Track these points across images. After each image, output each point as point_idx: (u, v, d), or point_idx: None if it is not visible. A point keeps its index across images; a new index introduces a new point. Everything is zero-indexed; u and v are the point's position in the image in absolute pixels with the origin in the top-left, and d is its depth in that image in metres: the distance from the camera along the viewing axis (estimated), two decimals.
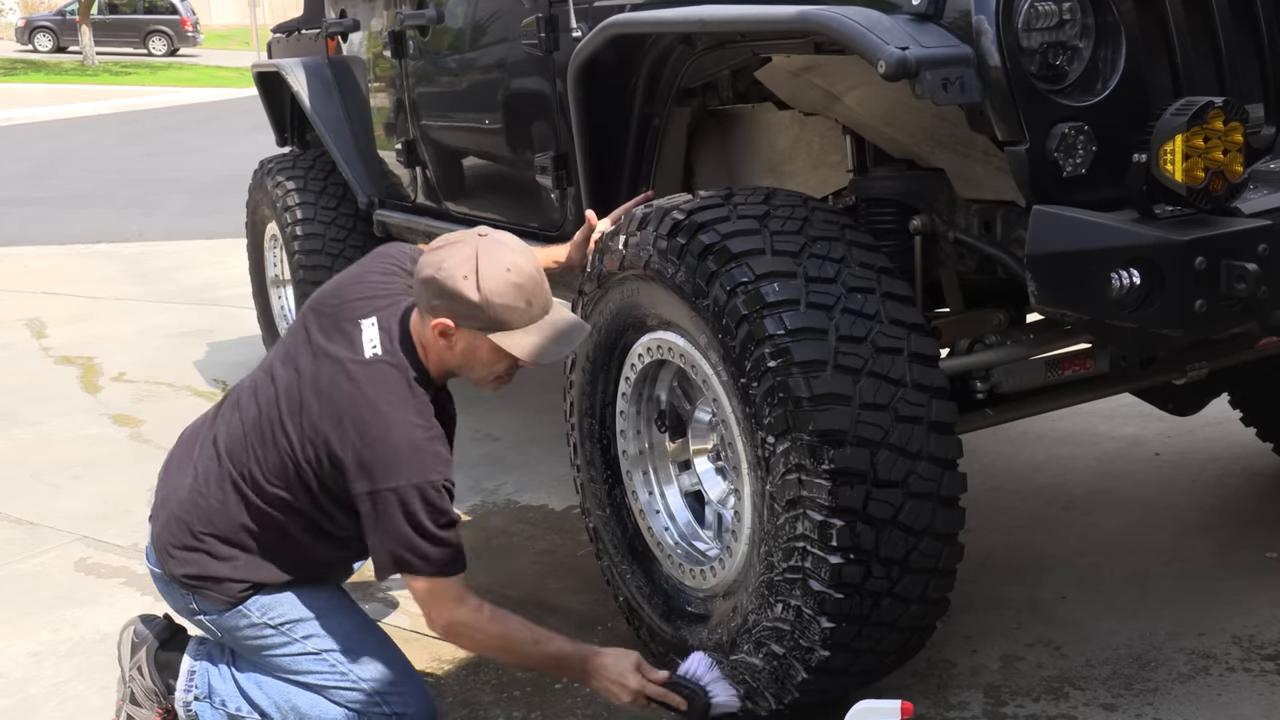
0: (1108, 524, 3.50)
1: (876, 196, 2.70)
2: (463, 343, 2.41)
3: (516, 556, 3.55)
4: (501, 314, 2.36)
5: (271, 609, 2.55)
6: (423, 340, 2.46)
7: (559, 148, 3.43)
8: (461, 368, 2.48)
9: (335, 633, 2.55)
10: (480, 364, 2.45)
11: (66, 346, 6.41)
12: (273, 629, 2.55)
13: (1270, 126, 2.40)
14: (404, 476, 2.34)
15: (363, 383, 2.39)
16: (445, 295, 2.36)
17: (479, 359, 2.44)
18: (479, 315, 2.36)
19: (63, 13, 34.33)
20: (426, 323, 2.42)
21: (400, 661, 2.58)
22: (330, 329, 2.49)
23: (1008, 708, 2.63)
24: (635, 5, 2.90)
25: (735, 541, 2.54)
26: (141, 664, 2.66)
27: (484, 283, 2.35)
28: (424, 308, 2.42)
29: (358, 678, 2.51)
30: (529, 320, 2.40)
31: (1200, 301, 2.03)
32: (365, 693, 2.50)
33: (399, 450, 2.35)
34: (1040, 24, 2.16)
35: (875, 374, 2.28)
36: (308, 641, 2.54)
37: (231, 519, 2.50)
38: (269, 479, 2.47)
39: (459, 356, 2.45)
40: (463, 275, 2.35)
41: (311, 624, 2.55)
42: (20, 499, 4.26)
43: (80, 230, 10.15)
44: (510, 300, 2.36)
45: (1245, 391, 3.63)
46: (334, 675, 2.52)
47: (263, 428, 2.47)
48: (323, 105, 4.86)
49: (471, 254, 2.37)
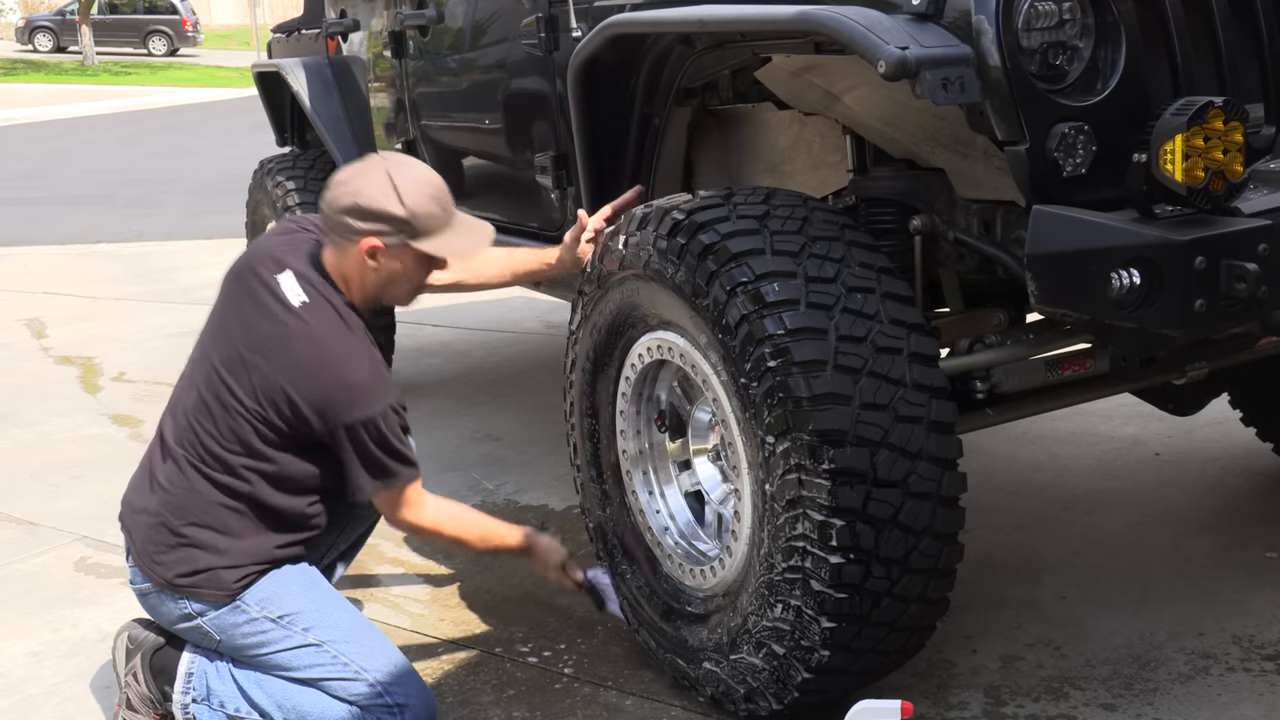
0: (1108, 524, 3.50)
1: (876, 196, 2.70)
2: (388, 259, 2.55)
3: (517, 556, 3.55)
4: (425, 223, 2.54)
5: (270, 602, 2.56)
6: (343, 272, 2.59)
7: (559, 148, 3.43)
8: (385, 286, 2.60)
9: (335, 624, 2.57)
10: (403, 278, 2.60)
11: (66, 346, 6.41)
12: (272, 622, 2.55)
13: (1270, 126, 2.40)
14: (367, 407, 2.49)
15: (302, 329, 2.52)
16: (371, 217, 2.51)
17: (404, 273, 2.59)
18: (407, 228, 2.52)
19: (63, 13, 34.34)
20: (348, 252, 2.55)
21: (398, 655, 2.60)
22: (250, 293, 2.59)
23: (1008, 708, 2.63)
24: (635, 5, 2.90)
25: (735, 541, 2.54)
26: (136, 670, 2.65)
27: (406, 199, 2.51)
28: (347, 237, 2.54)
29: (360, 668, 2.52)
30: (445, 225, 2.58)
31: (1200, 301, 2.03)
32: (368, 683, 2.51)
33: (356, 385, 2.50)
34: (1040, 24, 2.16)
35: (875, 374, 2.28)
36: (308, 633, 2.55)
37: (203, 501, 2.55)
38: (227, 448, 2.53)
39: (383, 276, 2.58)
40: (384, 195, 2.51)
41: (311, 615, 2.56)
42: (20, 499, 4.26)
43: (80, 230, 10.16)
44: (431, 209, 2.55)
45: (1245, 391, 3.63)
46: (336, 666, 2.52)
47: (208, 404, 2.55)
48: (323, 105, 4.86)
49: (384, 176, 2.53)
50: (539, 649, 3.01)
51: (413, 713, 2.51)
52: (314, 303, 2.54)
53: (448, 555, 3.58)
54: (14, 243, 9.76)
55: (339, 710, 2.51)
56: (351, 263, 2.56)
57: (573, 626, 3.11)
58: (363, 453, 2.51)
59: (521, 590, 3.33)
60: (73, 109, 22.11)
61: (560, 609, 3.21)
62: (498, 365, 5.68)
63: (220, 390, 2.54)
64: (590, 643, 3.02)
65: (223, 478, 2.55)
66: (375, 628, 2.67)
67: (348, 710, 2.51)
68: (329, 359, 2.50)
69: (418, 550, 3.63)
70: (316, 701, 2.53)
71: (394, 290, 2.62)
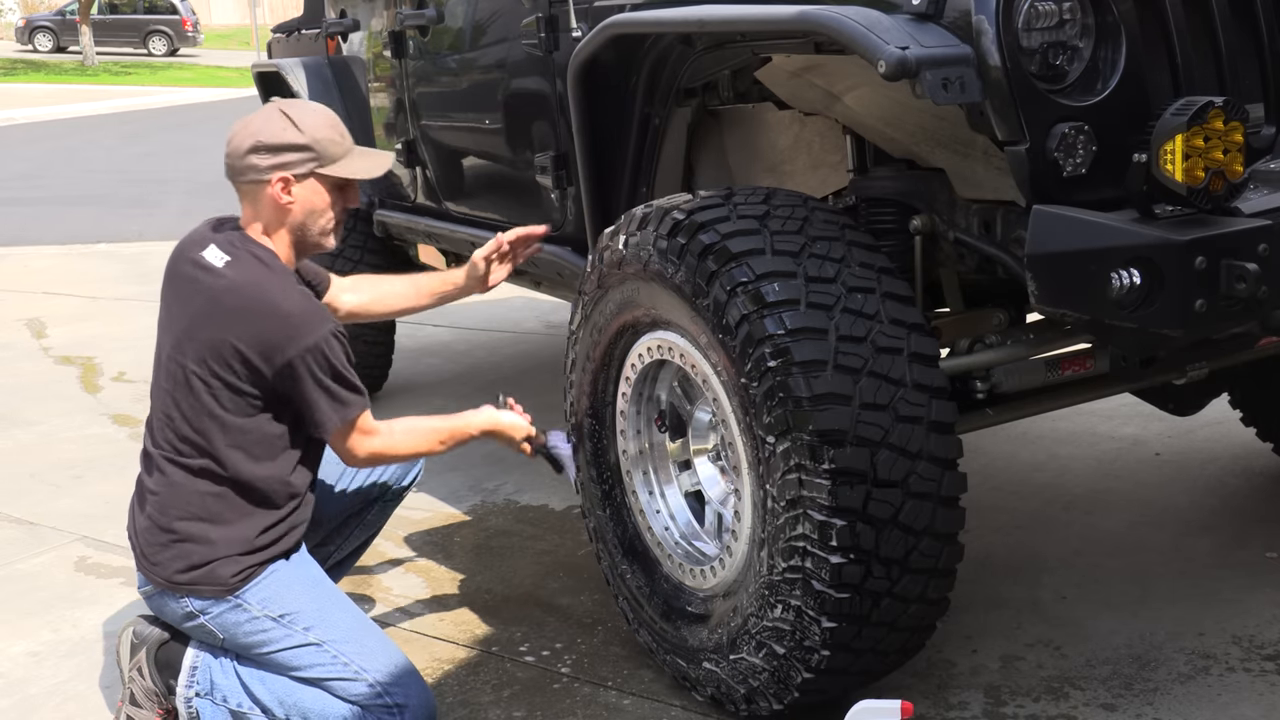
0: (1108, 524, 3.50)
1: (876, 196, 2.70)
2: (301, 191, 2.60)
3: (516, 556, 3.55)
4: (327, 147, 2.60)
5: (271, 601, 2.56)
6: (262, 222, 2.64)
7: (559, 148, 3.43)
8: (305, 223, 2.63)
9: (336, 624, 2.57)
10: (320, 210, 2.64)
11: (66, 346, 6.41)
12: (273, 621, 2.56)
13: (1270, 126, 2.40)
14: (307, 335, 2.51)
15: (228, 283, 2.56)
16: (275, 150, 2.57)
17: (319, 204, 2.63)
18: (310, 153, 2.58)
19: (63, 13, 34.34)
20: (261, 198, 2.60)
21: (399, 655, 2.60)
22: (182, 276, 2.66)
23: (1008, 708, 2.64)
24: (635, 5, 2.90)
25: (735, 541, 2.54)
26: (141, 664, 2.66)
27: (305, 127, 2.59)
28: (256, 180, 2.59)
29: (360, 668, 2.52)
30: (347, 151, 2.65)
31: (1200, 301, 2.03)
32: (367, 684, 2.51)
33: (289, 314, 2.53)
34: (1040, 24, 2.16)
35: (875, 374, 2.28)
36: (309, 633, 2.55)
37: (185, 492, 2.57)
38: (197, 428, 2.56)
39: (301, 210, 2.61)
40: (283, 128, 2.58)
41: (312, 615, 2.57)
42: (20, 499, 4.26)
43: (80, 230, 10.16)
44: (330, 135, 2.62)
45: (1245, 391, 3.63)
46: (336, 666, 2.53)
47: (173, 395, 2.59)
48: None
49: (278, 112, 2.62)
50: (539, 649, 3.01)
51: (412, 713, 2.52)
52: (236, 258, 2.58)
53: (448, 555, 3.59)
54: (14, 243, 9.76)
55: (339, 708, 2.52)
56: (267, 206, 2.61)
57: (573, 626, 3.11)
58: (316, 384, 2.53)
59: (521, 590, 3.33)
60: (73, 109, 22.10)
61: (560, 609, 3.21)
62: (498, 365, 5.68)
63: (178, 375, 2.57)
64: (590, 643, 3.02)
65: (198, 462, 2.57)
66: (376, 627, 2.67)
67: (348, 709, 2.52)
68: (258, 298, 2.53)
69: (418, 550, 3.63)
70: (317, 699, 2.53)
71: (314, 226, 2.64)
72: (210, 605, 2.57)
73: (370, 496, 3.08)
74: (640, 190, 3.21)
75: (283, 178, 2.58)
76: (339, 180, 2.63)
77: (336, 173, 2.62)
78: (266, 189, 2.59)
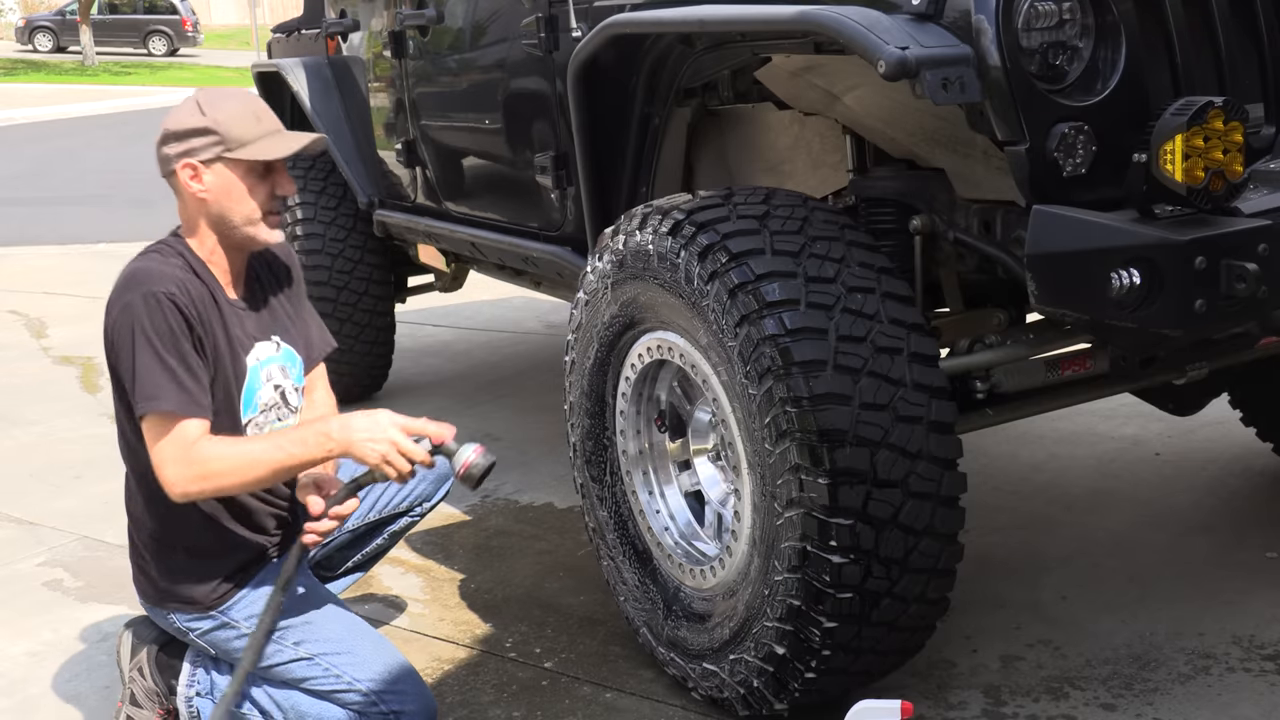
0: (1108, 524, 3.50)
1: (876, 196, 2.70)
2: (211, 179, 2.47)
3: (516, 556, 3.55)
4: (234, 129, 2.46)
5: (257, 619, 2.53)
6: (186, 218, 2.54)
7: (559, 148, 3.43)
8: (223, 213, 2.49)
9: (325, 636, 2.54)
10: (236, 198, 2.49)
11: (66, 346, 6.41)
12: None
13: (1270, 126, 2.40)
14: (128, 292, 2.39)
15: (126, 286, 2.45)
16: (180, 136, 2.48)
17: (233, 191, 2.48)
18: (212, 135, 2.46)
19: (63, 13, 34.32)
20: (180, 191, 2.51)
21: (395, 659, 2.56)
22: None
23: (1008, 708, 2.63)
24: (635, 5, 2.90)
25: (735, 541, 2.54)
26: (142, 665, 2.65)
27: (209, 110, 2.47)
28: (170, 170, 2.50)
29: (353, 679, 2.50)
30: (264, 133, 2.49)
31: (1200, 301, 2.03)
32: (360, 694, 2.49)
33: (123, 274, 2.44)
34: (1040, 24, 2.16)
35: (875, 374, 2.28)
36: (299, 647, 2.52)
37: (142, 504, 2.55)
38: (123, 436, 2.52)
39: (217, 200, 2.48)
40: (189, 114, 2.48)
41: (302, 629, 2.54)
42: (20, 499, 4.26)
43: (80, 230, 10.15)
44: (236, 114, 2.47)
45: (1245, 391, 3.63)
46: (329, 679, 2.50)
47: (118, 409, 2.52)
48: (323, 105, 4.86)
49: (192, 100, 2.52)
50: (539, 649, 3.01)
51: (409, 718, 2.50)
52: (148, 249, 2.52)
53: (448, 555, 3.59)
54: (14, 243, 9.75)
55: (337, 713, 2.51)
56: (185, 199, 2.51)
57: (573, 626, 3.11)
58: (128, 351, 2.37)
59: (521, 590, 3.33)
60: (73, 109, 22.09)
61: (560, 609, 3.21)
62: (498, 365, 5.68)
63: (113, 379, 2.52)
64: (590, 643, 3.02)
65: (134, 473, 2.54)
66: (371, 631, 2.64)
67: (346, 715, 2.51)
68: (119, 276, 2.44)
69: (418, 550, 3.63)
70: (315, 704, 2.52)
71: (235, 216, 2.48)
72: (194, 622, 2.55)
73: (399, 510, 3.02)
74: (640, 190, 3.21)
75: (189, 164, 2.46)
76: (253, 165, 2.47)
77: (244, 155, 2.46)
78: (178, 179, 2.49)
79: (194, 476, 2.36)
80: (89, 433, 4.96)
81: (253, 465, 2.37)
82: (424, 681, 2.61)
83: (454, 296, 5.94)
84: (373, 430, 2.36)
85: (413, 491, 2.98)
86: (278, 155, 2.48)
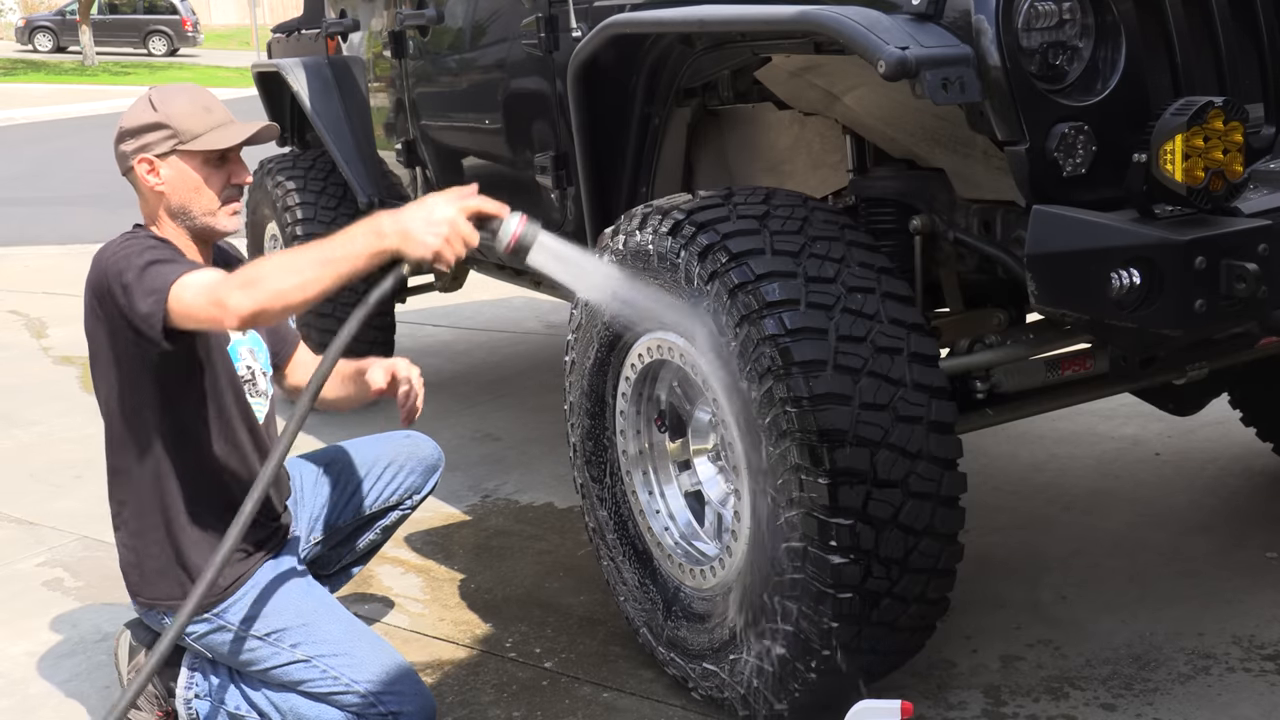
0: (1108, 524, 3.50)
1: (876, 196, 2.70)
2: (168, 172, 2.52)
3: (516, 556, 3.55)
4: (185, 122, 2.51)
5: (254, 620, 2.53)
6: (147, 214, 2.57)
7: (559, 148, 3.43)
8: (183, 205, 2.53)
9: (323, 638, 2.53)
10: (195, 188, 2.53)
11: (66, 346, 6.41)
12: (259, 640, 2.53)
13: (1270, 126, 2.40)
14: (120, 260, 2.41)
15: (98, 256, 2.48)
16: (134, 133, 2.52)
17: (191, 181, 2.53)
18: (165, 129, 2.50)
19: (63, 13, 34.31)
20: (139, 187, 2.54)
21: (393, 659, 2.56)
22: None
23: (1008, 708, 2.63)
24: (635, 5, 2.90)
25: (735, 542, 2.54)
26: (140, 666, 2.65)
27: (160, 105, 2.52)
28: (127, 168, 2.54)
29: (350, 680, 2.49)
30: (215, 124, 2.53)
31: (1200, 301, 2.03)
32: (358, 695, 2.49)
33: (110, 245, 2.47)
34: (1040, 24, 2.16)
35: (875, 374, 2.28)
36: (296, 649, 2.52)
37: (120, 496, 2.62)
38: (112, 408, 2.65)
39: (175, 192, 2.53)
40: (141, 110, 2.53)
41: (298, 631, 2.53)
42: (20, 499, 4.26)
43: (80, 230, 10.15)
44: (187, 108, 2.52)
45: (1245, 391, 3.63)
46: (326, 680, 2.50)
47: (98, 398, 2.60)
48: (323, 105, 4.86)
49: (144, 98, 2.57)
50: (539, 649, 3.01)
51: (408, 719, 2.50)
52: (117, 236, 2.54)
53: (448, 555, 3.59)
54: (14, 243, 9.76)
55: (335, 715, 2.51)
56: (145, 194, 2.55)
57: (573, 626, 3.11)
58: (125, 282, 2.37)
59: (521, 590, 3.33)
60: (73, 109, 22.09)
61: (560, 609, 3.21)
62: (498, 365, 5.68)
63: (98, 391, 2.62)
64: (590, 643, 3.02)
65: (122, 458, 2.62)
66: (369, 632, 2.64)
67: (344, 716, 2.51)
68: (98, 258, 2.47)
69: (418, 550, 3.63)
70: (313, 706, 2.52)
71: (195, 207, 2.53)
72: (191, 625, 2.54)
73: (389, 505, 3.02)
74: (640, 190, 3.21)
75: (145, 159, 2.51)
76: (208, 155, 2.51)
77: (197, 147, 2.50)
78: (136, 174, 2.53)
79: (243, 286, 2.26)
80: (89, 433, 4.96)
81: (295, 261, 2.29)
82: (422, 681, 2.61)
83: (454, 296, 5.95)
84: (431, 214, 2.21)
85: (402, 484, 3.00)
86: (229, 144, 2.53)
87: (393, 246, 2.21)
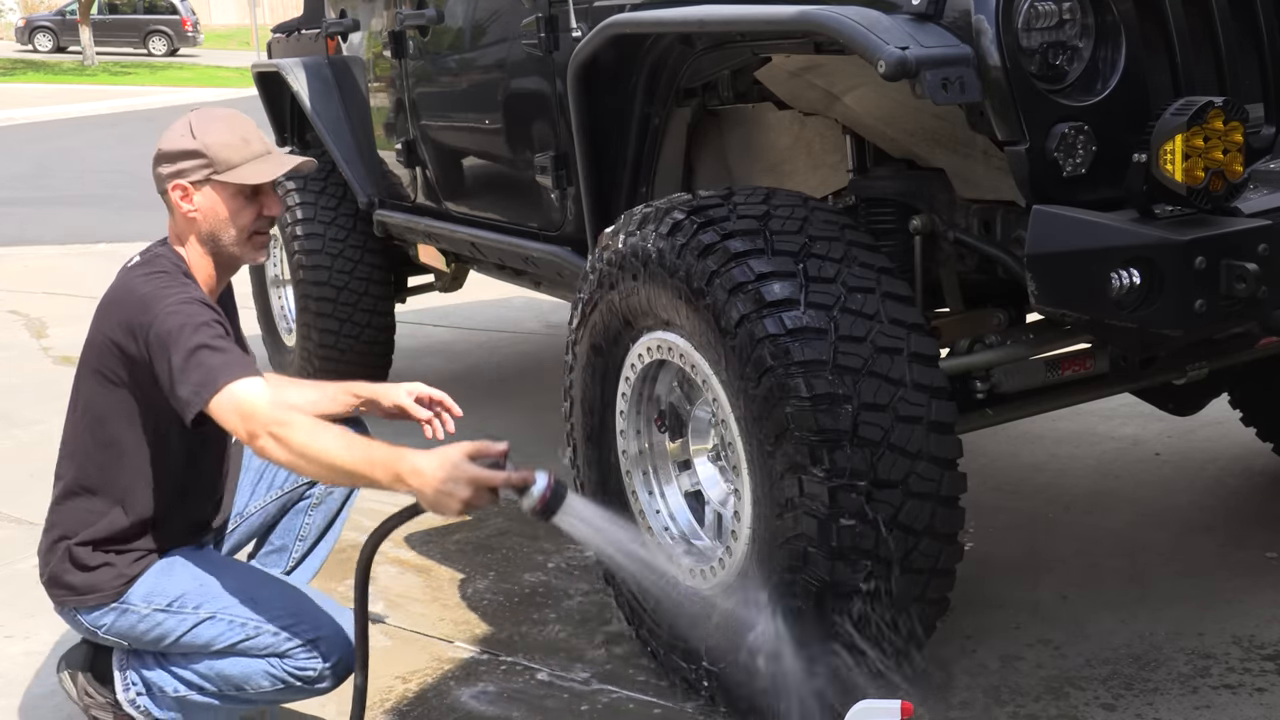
0: (1108, 524, 3.50)
1: (876, 196, 2.71)
2: (201, 200, 2.52)
3: (516, 556, 3.55)
4: (221, 152, 2.51)
5: (154, 595, 2.53)
6: (176, 234, 2.58)
7: (559, 148, 3.43)
8: (213, 233, 2.55)
9: (221, 592, 2.53)
10: (226, 219, 2.54)
11: (66, 346, 6.40)
12: (163, 612, 2.53)
13: (1270, 126, 2.40)
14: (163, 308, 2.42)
15: (120, 279, 2.53)
16: (171, 158, 2.53)
17: (223, 213, 2.53)
18: (203, 158, 2.51)
19: (63, 13, 34.31)
20: (171, 209, 2.55)
21: (296, 593, 2.55)
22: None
23: (1008, 708, 2.63)
24: (635, 5, 2.90)
25: (735, 542, 2.54)
26: (86, 688, 2.65)
27: (199, 132, 2.52)
28: (163, 190, 2.56)
29: (257, 622, 2.48)
30: (252, 156, 2.53)
31: (1200, 301, 2.04)
32: (271, 633, 2.47)
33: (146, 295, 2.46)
34: (1040, 24, 2.16)
35: (875, 374, 2.28)
36: (199, 610, 2.52)
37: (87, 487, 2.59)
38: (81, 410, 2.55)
39: (206, 220, 2.54)
40: (180, 136, 2.53)
41: (197, 593, 2.53)
42: (20, 499, 4.26)
43: (80, 230, 10.14)
44: (226, 138, 2.52)
45: (1245, 391, 3.63)
46: (235, 629, 2.49)
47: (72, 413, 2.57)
48: (323, 105, 4.86)
49: (185, 121, 2.56)
50: (539, 649, 3.01)
51: (328, 642, 2.48)
52: (142, 259, 2.56)
53: (447, 555, 3.59)
54: (14, 243, 9.75)
55: (260, 665, 2.49)
56: (176, 218, 2.56)
57: (573, 627, 3.11)
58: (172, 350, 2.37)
59: (522, 590, 3.33)
60: (73, 109, 22.08)
61: (562, 609, 3.21)
62: (498, 365, 5.68)
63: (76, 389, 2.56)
64: (590, 643, 3.02)
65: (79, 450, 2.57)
66: (270, 577, 2.63)
67: (268, 663, 2.49)
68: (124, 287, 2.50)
69: (418, 550, 3.63)
70: (237, 663, 2.51)
71: (224, 236, 2.54)
72: (100, 617, 2.55)
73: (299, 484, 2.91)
74: (640, 190, 3.21)
75: (179, 185, 2.52)
76: (240, 188, 2.51)
77: (231, 179, 2.50)
78: (170, 198, 2.55)
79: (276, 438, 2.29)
80: None
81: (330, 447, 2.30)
82: (337, 606, 2.55)
83: (454, 296, 5.93)
84: (455, 490, 2.29)
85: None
86: (264, 179, 2.54)
87: (409, 491, 2.28)
